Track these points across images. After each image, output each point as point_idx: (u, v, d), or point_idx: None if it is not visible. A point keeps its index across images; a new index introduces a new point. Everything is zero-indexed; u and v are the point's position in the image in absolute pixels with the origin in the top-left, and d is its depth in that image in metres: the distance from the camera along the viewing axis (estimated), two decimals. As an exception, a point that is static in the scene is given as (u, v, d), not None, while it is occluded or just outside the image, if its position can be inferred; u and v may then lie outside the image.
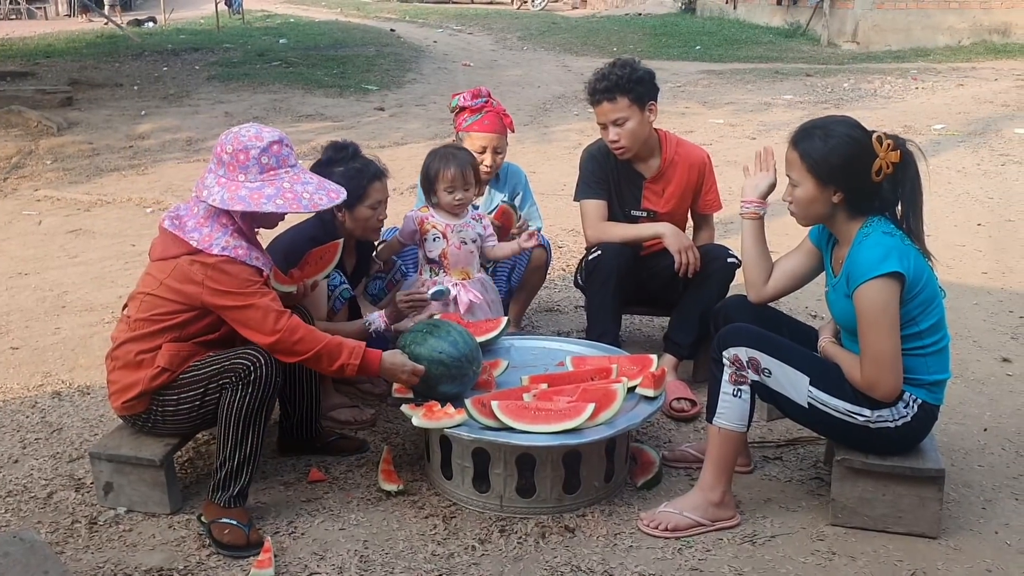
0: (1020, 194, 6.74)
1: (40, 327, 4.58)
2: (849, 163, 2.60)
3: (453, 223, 3.56)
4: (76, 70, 13.29)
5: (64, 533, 2.82)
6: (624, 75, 3.55)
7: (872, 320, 2.56)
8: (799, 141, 2.68)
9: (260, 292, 2.70)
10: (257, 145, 2.67)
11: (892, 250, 2.56)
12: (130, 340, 2.79)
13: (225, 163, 2.69)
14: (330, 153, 3.37)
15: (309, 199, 2.71)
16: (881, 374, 2.58)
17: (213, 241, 2.68)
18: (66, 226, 6.42)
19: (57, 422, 3.56)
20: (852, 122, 2.67)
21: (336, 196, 2.79)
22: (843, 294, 2.68)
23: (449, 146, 3.65)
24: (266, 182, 2.68)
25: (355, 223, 3.37)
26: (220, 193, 2.66)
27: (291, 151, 2.76)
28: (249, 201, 2.64)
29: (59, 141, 9.00)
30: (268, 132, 2.73)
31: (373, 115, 10.60)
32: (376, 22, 23.27)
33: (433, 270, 3.59)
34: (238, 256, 2.68)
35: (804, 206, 2.70)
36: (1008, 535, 2.76)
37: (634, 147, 3.63)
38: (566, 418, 2.77)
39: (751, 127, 9.45)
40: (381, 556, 2.68)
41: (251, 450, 2.73)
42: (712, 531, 2.77)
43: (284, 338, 2.68)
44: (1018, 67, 12.89)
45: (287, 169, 2.73)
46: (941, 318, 2.69)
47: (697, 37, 17.56)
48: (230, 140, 2.70)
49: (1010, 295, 4.81)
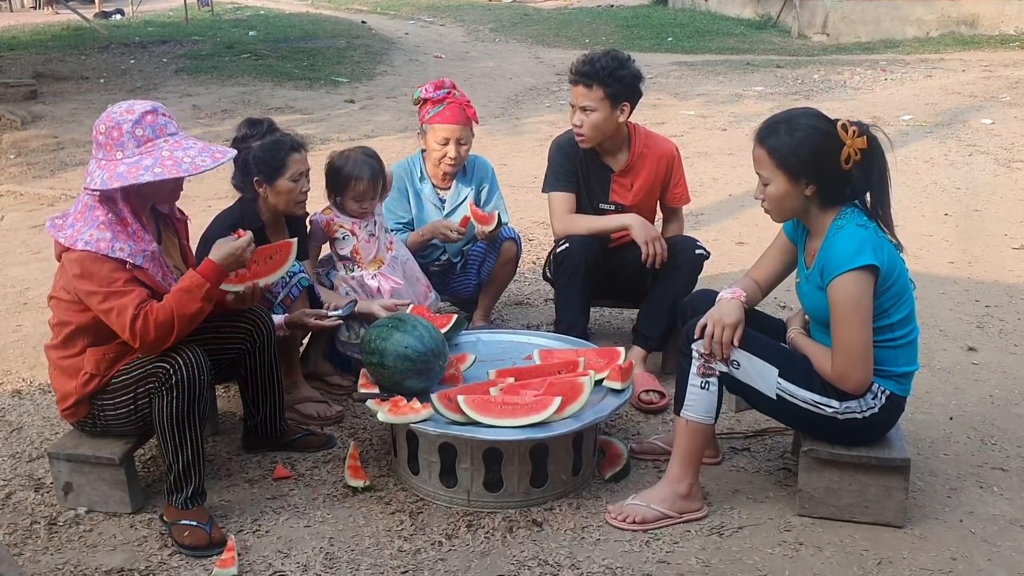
0: (986, 184, 6.80)
1: (1, 324, 4.50)
2: (818, 155, 2.59)
3: (359, 219, 3.63)
4: (41, 63, 13.10)
5: (23, 534, 2.76)
6: (609, 67, 3.50)
7: (845, 313, 2.55)
8: (765, 138, 2.65)
9: (120, 292, 2.55)
10: (129, 119, 2.56)
11: (867, 242, 2.56)
12: (51, 347, 2.76)
13: (102, 144, 2.58)
14: (245, 129, 3.35)
15: (191, 162, 2.57)
16: (852, 367, 2.58)
17: (79, 236, 2.58)
18: (29, 221, 6.31)
19: (17, 421, 3.49)
20: (815, 112, 2.67)
21: (222, 156, 2.64)
22: (816, 286, 2.67)
23: (359, 150, 3.66)
24: (144, 154, 2.56)
25: (277, 197, 3.33)
26: (100, 175, 2.55)
27: (169, 119, 2.64)
28: (127, 176, 2.52)
29: (23, 135, 8.86)
30: (140, 104, 2.61)
31: (343, 107, 10.51)
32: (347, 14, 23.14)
33: (347, 266, 3.65)
34: (99, 249, 2.55)
35: (777, 202, 2.68)
36: (973, 523, 2.78)
37: (594, 139, 3.61)
38: (533, 412, 2.76)
39: (722, 118, 9.48)
40: (347, 553, 2.65)
41: (193, 451, 2.68)
42: (680, 523, 2.76)
43: (143, 338, 2.56)
44: (985, 58, 13.02)
45: (166, 138, 2.60)
46: (912, 310, 2.69)
47: (669, 29, 17.60)
48: (103, 120, 2.59)
49: (976, 284, 4.85)
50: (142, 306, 2.55)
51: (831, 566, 2.58)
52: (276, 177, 3.28)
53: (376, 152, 3.66)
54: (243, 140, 3.30)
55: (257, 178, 3.29)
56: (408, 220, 4.00)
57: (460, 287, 4.09)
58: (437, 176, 3.98)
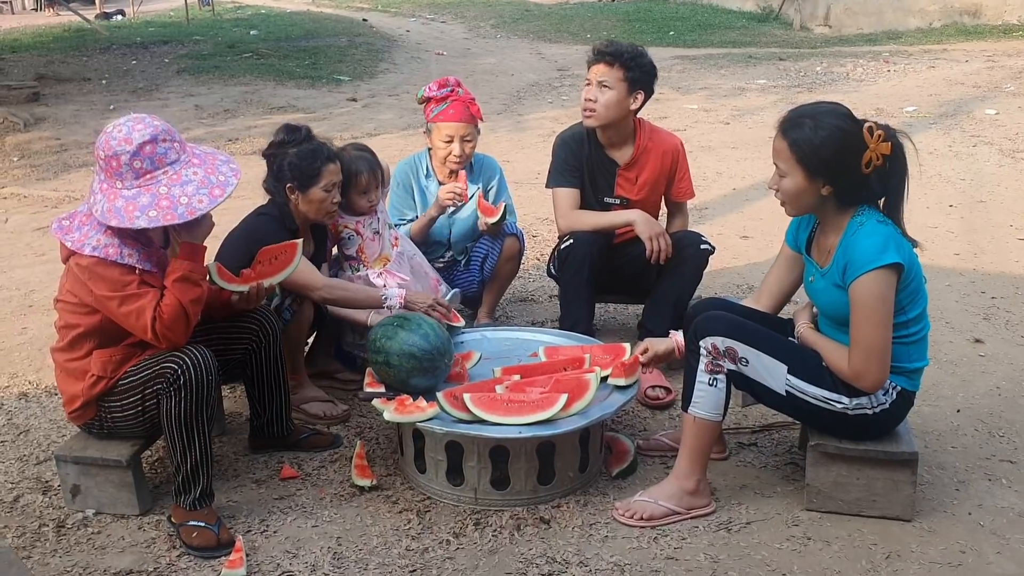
0: (991, 175, 6.78)
1: (6, 327, 4.50)
2: (839, 156, 2.53)
3: (363, 218, 3.62)
4: (43, 65, 13.10)
5: (31, 537, 2.77)
6: (632, 53, 3.57)
7: (869, 311, 2.52)
8: (789, 130, 2.59)
9: (136, 294, 2.56)
10: (127, 150, 2.49)
11: (890, 240, 2.53)
12: (58, 349, 2.76)
13: (103, 168, 2.55)
14: (283, 135, 3.32)
15: (187, 205, 2.50)
16: (870, 365, 2.55)
17: (85, 241, 2.57)
18: (33, 223, 6.31)
19: (24, 424, 3.50)
20: (843, 111, 2.60)
21: (220, 193, 2.55)
22: (833, 283, 2.63)
23: (351, 146, 3.67)
24: (142, 188, 2.51)
25: (308, 205, 3.31)
26: (102, 203, 2.53)
27: (170, 145, 2.54)
28: (123, 215, 2.49)
29: (26, 137, 8.86)
30: (139, 131, 2.51)
31: (346, 106, 10.51)
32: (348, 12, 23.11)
33: (353, 266, 3.65)
34: (108, 256, 2.54)
35: (793, 197, 2.64)
36: (981, 516, 2.77)
37: (603, 118, 3.59)
38: (539, 409, 2.75)
39: (725, 112, 9.46)
40: (355, 552, 2.65)
41: (201, 452, 2.68)
42: (687, 519, 2.76)
43: (165, 335, 2.58)
44: (989, 48, 12.98)
45: (165, 169, 2.53)
46: (925, 307, 2.67)
47: (671, 23, 17.55)
48: (103, 144, 2.53)
49: (981, 276, 4.83)
50: (158, 306, 2.57)
51: (840, 560, 2.57)
52: (310, 185, 3.26)
53: (366, 145, 3.69)
54: (280, 145, 3.28)
55: (290, 184, 3.27)
56: (413, 217, 4.00)
57: (464, 284, 4.08)
58: (443, 174, 3.98)
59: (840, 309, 2.63)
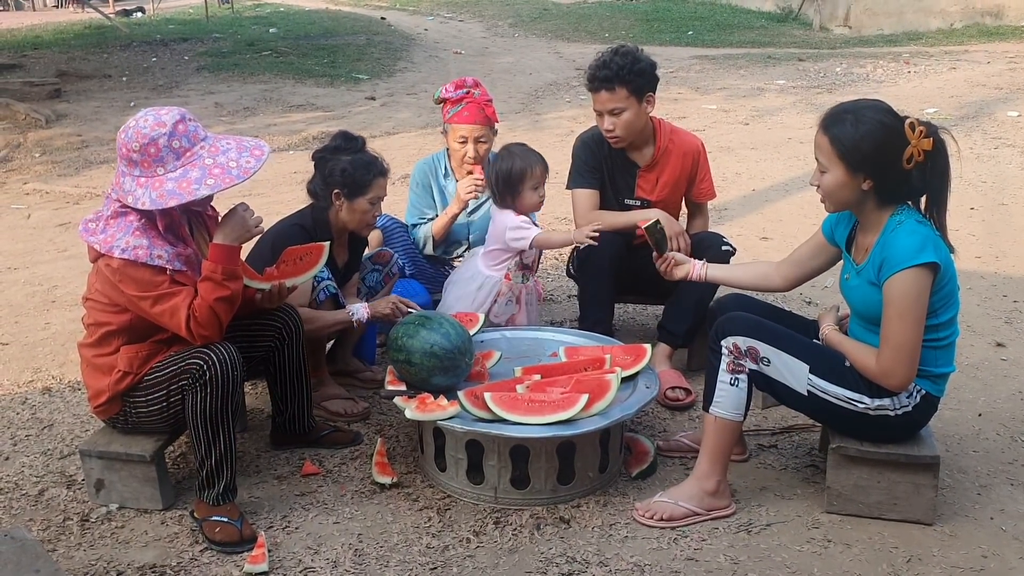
0: (1013, 178, 6.73)
1: (30, 322, 4.55)
2: (880, 150, 2.52)
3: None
4: (64, 61, 13.22)
5: (56, 531, 2.80)
6: (625, 65, 3.49)
7: (903, 309, 2.51)
8: (830, 126, 2.58)
9: (169, 293, 2.59)
10: (163, 132, 2.52)
11: (928, 240, 2.51)
12: (86, 345, 2.79)
13: (137, 162, 2.54)
14: (339, 141, 3.34)
15: (237, 167, 2.55)
16: (899, 364, 2.54)
17: (114, 243, 2.58)
18: (55, 219, 6.37)
19: (48, 418, 3.53)
20: (884, 107, 2.59)
21: (260, 153, 2.61)
22: (868, 281, 2.62)
23: (512, 145, 3.65)
24: (187, 165, 2.54)
25: (351, 214, 3.33)
26: (147, 195, 2.52)
27: (196, 123, 2.61)
28: (181, 193, 2.50)
29: (47, 133, 8.95)
30: (167, 115, 2.57)
31: (364, 104, 10.55)
32: (367, 10, 23.17)
33: (526, 276, 3.71)
34: (137, 257, 2.56)
35: (833, 192, 2.62)
36: (1003, 520, 2.76)
37: (629, 137, 3.60)
38: (560, 409, 2.76)
39: (744, 113, 9.43)
40: (375, 549, 2.67)
41: (225, 447, 2.71)
42: (708, 520, 2.76)
43: (199, 333, 2.61)
44: (1011, 49, 12.86)
45: (201, 144, 2.58)
46: (957, 313, 2.66)
47: (689, 22, 17.52)
48: (133, 137, 2.54)
49: (1003, 279, 4.80)
50: (192, 304, 2.60)
51: (860, 563, 2.57)
52: (358, 195, 3.28)
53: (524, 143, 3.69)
54: (334, 151, 3.30)
55: (338, 190, 3.28)
56: (432, 216, 4.02)
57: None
58: (461, 174, 3.99)
59: (873, 308, 2.61)
